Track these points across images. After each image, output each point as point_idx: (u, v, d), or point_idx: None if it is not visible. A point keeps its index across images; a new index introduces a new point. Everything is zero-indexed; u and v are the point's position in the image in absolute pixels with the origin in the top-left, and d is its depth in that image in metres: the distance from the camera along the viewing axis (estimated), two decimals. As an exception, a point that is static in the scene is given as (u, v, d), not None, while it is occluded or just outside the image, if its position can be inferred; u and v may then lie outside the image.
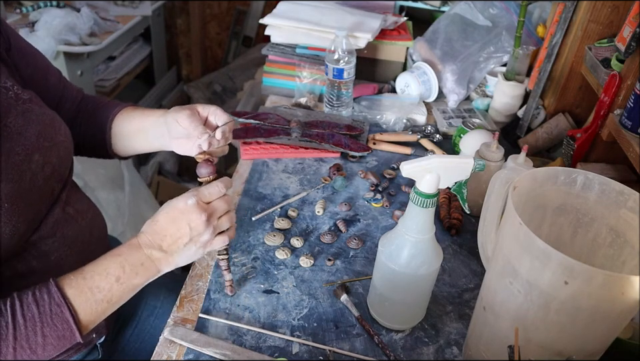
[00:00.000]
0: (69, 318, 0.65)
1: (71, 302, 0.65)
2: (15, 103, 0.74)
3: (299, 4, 1.45)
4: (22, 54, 0.83)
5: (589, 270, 0.51)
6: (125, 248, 0.70)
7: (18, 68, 0.82)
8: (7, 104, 0.73)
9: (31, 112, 0.76)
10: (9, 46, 0.80)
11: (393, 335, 0.77)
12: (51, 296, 0.65)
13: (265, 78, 1.42)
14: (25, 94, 0.77)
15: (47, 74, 0.88)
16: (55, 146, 0.78)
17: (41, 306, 0.64)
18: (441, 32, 1.42)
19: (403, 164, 0.65)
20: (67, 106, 0.92)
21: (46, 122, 0.78)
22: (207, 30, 2.93)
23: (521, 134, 1.22)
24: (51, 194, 0.78)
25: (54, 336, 0.65)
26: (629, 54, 0.87)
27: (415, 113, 1.30)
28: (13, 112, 0.73)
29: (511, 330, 0.56)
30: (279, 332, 0.76)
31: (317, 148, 1.16)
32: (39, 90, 0.83)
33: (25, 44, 0.85)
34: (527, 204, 0.64)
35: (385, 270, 0.73)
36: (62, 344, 0.66)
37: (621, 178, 0.92)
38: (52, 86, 0.89)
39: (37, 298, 0.64)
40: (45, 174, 0.76)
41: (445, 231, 0.97)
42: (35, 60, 0.86)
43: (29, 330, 0.63)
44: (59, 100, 0.90)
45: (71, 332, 0.65)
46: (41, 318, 0.64)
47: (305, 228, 0.96)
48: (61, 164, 0.80)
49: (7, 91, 0.74)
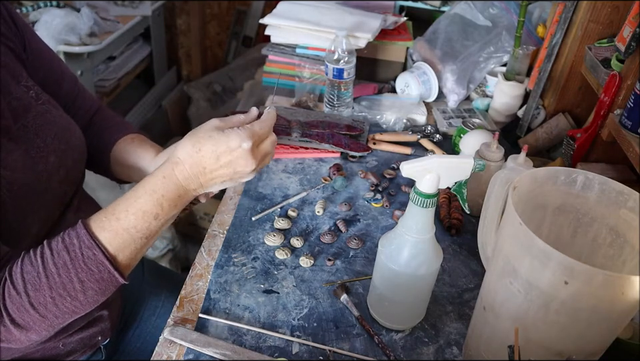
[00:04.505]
0: (103, 259, 0.62)
1: (105, 245, 0.63)
2: (35, 103, 0.74)
3: (299, 4, 1.45)
4: (36, 56, 0.82)
5: (589, 270, 0.51)
6: (159, 181, 0.66)
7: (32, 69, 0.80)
8: (27, 103, 0.73)
9: (49, 114, 0.76)
10: (24, 47, 0.79)
11: (393, 335, 0.77)
12: (81, 239, 0.62)
13: (264, 78, 1.42)
14: (44, 95, 0.77)
15: (60, 80, 0.86)
16: (70, 149, 0.78)
17: (71, 252, 0.62)
18: (441, 32, 1.42)
19: (403, 164, 0.65)
20: (80, 115, 0.90)
21: (63, 124, 0.78)
22: (207, 30, 2.93)
23: (520, 134, 1.22)
24: (64, 197, 0.78)
25: (92, 279, 0.62)
26: (629, 54, 0.87)
27: (415, 113, 1.30)
28: (32, 112, 0.73)
29: (510, 330, 0.56)
30: (279, 331, 0.76)
31: (317, 148, 1.16)
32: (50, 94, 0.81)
33: (42, 47, 0.84)
34: (527, 204, 0.64)
35: (384, 270, 0.73)
36: (103, 286, 0.64)
37: (621, 178, 0.92)
38: (65, 92, 0.87)
39: (66, 244, 0.62)
40: (59, 177, 0.76)
41: (445, 231, 0.97)
42: (50, 63, 0.85)
43: (63, 278, 0.61)
44: (70, 108, 0.88)
45: (109, 273, 0.63)
46: (73, 263, 0.61)
47: (305, 228, 0.96)
48: (74, 167, 0.80)
49: (28, 90, 0.75)
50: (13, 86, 0.73)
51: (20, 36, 0.79)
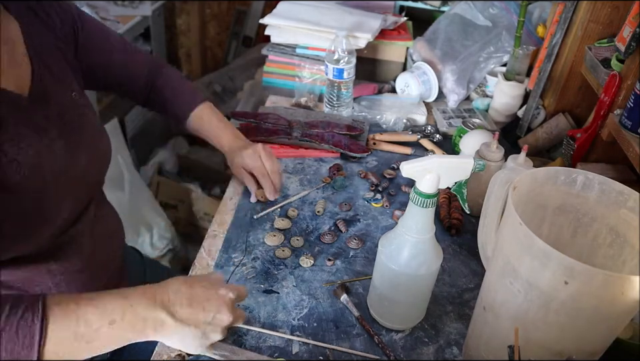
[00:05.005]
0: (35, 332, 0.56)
1: (49, 318, 0.57)
2: (76, 105, 0.81)
3: (299, 4, 1.45)
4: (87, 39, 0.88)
5: (589, 270, 0.51)
6: (137, 293, 0.63)
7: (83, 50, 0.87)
8: (70, 104, 0.80)
9: (85, 117, 0.82)
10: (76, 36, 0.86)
11: (393, 335, 0.77)
12: (32, 301, 0.57)
13: (264, 78, 1.42)
14: (83, 99, 0.84)
15: (110, 56, 0.94)
16: (98, 152, 0.85)
17: (15, 306, 0.56)
18: (441, 32, 1.42)
19: (403, 164, 0.65)
20: (134, 89, 1.01)
21: (95, 128, 0.85)
22: (207, 30, 2.93)
23: (520, 134, 1.22)
24: (88, 194, 0.84)
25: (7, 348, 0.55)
26: (629, 54, 0.87)
27: (415, 113, 1.30)
28: (72, 112, 0.79)
29: (510, 330, 0.56)
30: (279, 331, 0.76)
31: (317, 148, 1.16)
32: (102, 73, 0.93)
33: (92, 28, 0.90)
34: (527, 204, 0.64)
35: (384, 270, 0.73)
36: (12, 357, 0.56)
37: (621, 178, 0.92)
38: (117, 65, 0.95)
39: (16, 298, 0.58)
40: (88, 175, 0.82)
41: (445, 231, 0.97)
42: (101, 44, 0.92)
43: None
44: (124, 78, 0.98)
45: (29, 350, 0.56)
46: (7, 320, 0.55)
47: (305, 228, 0.96)
48: (100, 169, 0.88)
49: (71, 92, 0.81)
50: (62, 90, 0.79)
51: (72, 25, 0.85)
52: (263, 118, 1.21)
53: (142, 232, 1.81)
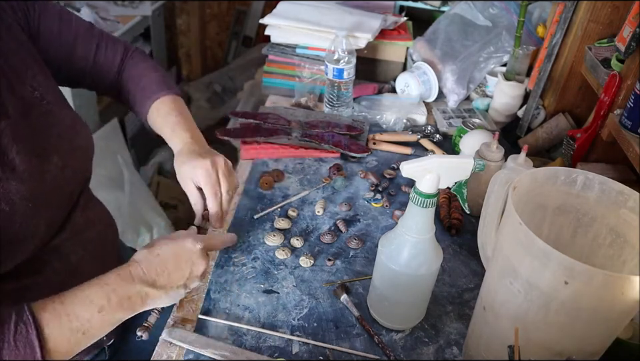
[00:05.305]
0: (34, 340, 0.57)
1: (42, 325, 0.58)
2: (39, 104, 0.74)
3: (299, 4, 1.45)
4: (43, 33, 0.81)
5: (589, 270, 0.51)
6: (113, 276, 0.65)
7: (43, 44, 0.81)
8: (31, 103, 0.73)
9: (52, 115, 0.76)
10: (29, 26, 0.79)
11: (393, 335, 0.77)
12: (19, 313, 0.58)
13: (264, 78, 1.42)
14: (49, 95, 0.77)
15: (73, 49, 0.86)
16: (74, 149, 0.78)
17: (5, 323, 0.57)
18: (441, 32, 1.42)
19: (403, 164, 0.65)
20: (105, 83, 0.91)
21: (66, 124, 0.78)
22: (207, 30, 2.94)
23: (520, 134, 1.22)
24: (70, 197, 0.78)
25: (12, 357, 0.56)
26: (629, 54, 0.87)
27: (415, 113, 1.30)
28: (35, 112, 0.73)
29: (510, 330, 0.56)
30: (279, 331, 0.76)
31: (317, 148, 1.16)
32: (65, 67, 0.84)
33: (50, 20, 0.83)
34: (527, 204, 0.64)
35: (384, 270, 0.73)
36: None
37: (621, 178, 0.92)
38: (79, 58, 0.87)
39: (3, 315, 0.57)
40: (65, 177, 0.76)
41: (445, 231, 0.97)
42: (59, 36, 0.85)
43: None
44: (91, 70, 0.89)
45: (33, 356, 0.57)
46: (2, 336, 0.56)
47: (305, 228, 0.96)
48: (80, 167, 0.80)
49: (33, 90, 0.74)
50: (19, 86, 0.72)
51: (26, 16, 0.79)
52: (262, 118, 1.21)
53: (142, 232, 1.81)
